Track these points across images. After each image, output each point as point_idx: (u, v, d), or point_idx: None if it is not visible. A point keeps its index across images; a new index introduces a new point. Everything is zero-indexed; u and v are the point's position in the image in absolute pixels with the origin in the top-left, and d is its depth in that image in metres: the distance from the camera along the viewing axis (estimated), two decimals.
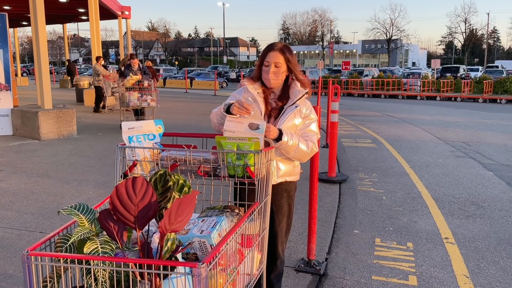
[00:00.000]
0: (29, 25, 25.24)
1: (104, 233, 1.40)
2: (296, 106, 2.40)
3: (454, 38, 79.31)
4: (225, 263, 1.56)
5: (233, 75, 40.10)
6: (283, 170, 2.46)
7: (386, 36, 68.43)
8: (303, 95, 2.43)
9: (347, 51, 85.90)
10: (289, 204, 2.58)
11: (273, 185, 2.42)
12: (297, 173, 2.57)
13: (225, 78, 37.50)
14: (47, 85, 9.13)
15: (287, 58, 2.41)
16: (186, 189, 1.66)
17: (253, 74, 2.53)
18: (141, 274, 1.32)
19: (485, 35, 72.91)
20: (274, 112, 2.45)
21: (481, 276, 3.44)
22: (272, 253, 2.56)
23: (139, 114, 10.54)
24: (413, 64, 73.43)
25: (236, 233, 1.65)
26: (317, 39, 79.93)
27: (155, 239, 1.49)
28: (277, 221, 2.54)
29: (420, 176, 6.53)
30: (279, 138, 2.21)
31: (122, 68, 17.28)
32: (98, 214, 1.42)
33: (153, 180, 1.56)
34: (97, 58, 13.71)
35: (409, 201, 5.33)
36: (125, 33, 22.84)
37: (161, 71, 35.28)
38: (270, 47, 2.44)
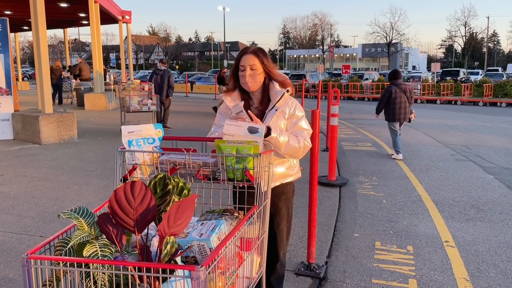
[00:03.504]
0: (30, 29, 25.32)
1: (104, 236, 1.41)
2: (276, 109, 2.37)
3: (454, 41, 79.42)
4: (224, 266, 1.56)
5: None
6: (277, 174, 2.45)
7: (386, 39, 68.56)
8: (282, 95, 2.39)
9: (347, 55, 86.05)
10: (287, 207, 2.56)
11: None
12: (293, 174, 2.54)
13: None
14: (47, 90, 9.16)
15: (262, 60, 2.38)
16: (185, 191, 1.66)
17: (228, 83, 2.48)
18: (140, 277, 1.33)
19: (485, 39, 73.07)
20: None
21: (481, 280, 3.44)
22: (272, 255, 2.56)
23: (162, 119, 10.78)
24: (413, 67, 73.47)
25: (235, 236, 1.65)
26: (317, 43, 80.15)
27: (154, 243, 1.50)
28: (276, 223, 2.53)
29: (420, 179, 6.53)
30: (267, 134, 2.19)
31: (77, 72, 18.25)
32: (97, 218, 1.43)
33: (152, 183, 1.56)
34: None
35: (409, 205, 5.33)
36: (126, 38, 22.93)
37: None
38: (243, 51, 2.42)
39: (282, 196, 2.53)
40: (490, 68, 45.11)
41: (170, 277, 1.32)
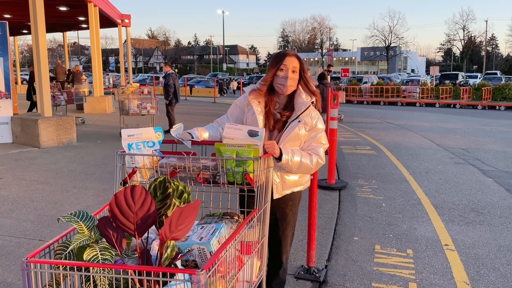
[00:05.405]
0: (29, 33, 25.30)
1: (104, 240, 1.40)
2: (299, 121, 2.34)
3: (453, 45, 79.48)
4: (224, 270, 1.56)
5: (234, 85, 34.79)
6: (289, 182, 2.44)
7: (385, 43, 68.75)
8: (308, 107, 2.36)
9: (346, 58, 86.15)
10: (293, 213, 2.57)
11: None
12: (304, 183, 2.54)
13: (221, 86, 32.85)
14: (47, 93, 9.16)
15: (302, 66, 2.35)
16: (185, 195, 1.66)
17: (262, 84, 2.38)
18: (141, 281, 1.32)
19: (484, 42, 73.19)
20: (278, 125, 2.39)
21: (481, 283, 3.43)
22: (275, 261, 2.56)
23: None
24: (412, 71, 73.57)
25: (235, 240, 1.65)
26: (316, 47, 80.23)
27: (155, 246, 1.49)
28: (281, 228, 2.52)
29: (419, 182, 6.53)
30: (279, 158, 2.18)
31: (52, 75, 18.52)
32: (97, 221, 1.43)
33: (152, 187, 1.56)
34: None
35: (409, 208, 5.33)
36: (125, 41, 22.95)
37: (160, 79, 35.31)
38: (285, 53, 2.35)
39: (290, 202, 2.52)
40: (488, 71, 45.21)
41: (170, 281, 1.31)
